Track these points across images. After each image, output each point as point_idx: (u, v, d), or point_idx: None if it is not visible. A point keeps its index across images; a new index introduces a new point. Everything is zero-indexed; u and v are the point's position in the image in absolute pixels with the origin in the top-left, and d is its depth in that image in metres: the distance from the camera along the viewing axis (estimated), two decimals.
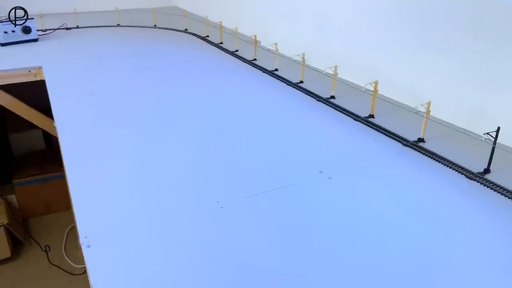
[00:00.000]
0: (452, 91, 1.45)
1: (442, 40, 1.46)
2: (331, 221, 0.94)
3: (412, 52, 1.58)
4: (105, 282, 0.77)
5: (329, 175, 1.12)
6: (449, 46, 1.44)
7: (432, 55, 1.51)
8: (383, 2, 1.68)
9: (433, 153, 1.23)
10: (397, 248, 0.87)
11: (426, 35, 1.52)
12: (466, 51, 1.38)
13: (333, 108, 1.58)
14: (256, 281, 0.77)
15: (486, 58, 1.32)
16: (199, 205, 0.99)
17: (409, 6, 1.57)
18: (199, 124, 1.43)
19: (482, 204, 1.01)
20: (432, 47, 1.50)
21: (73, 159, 1.18)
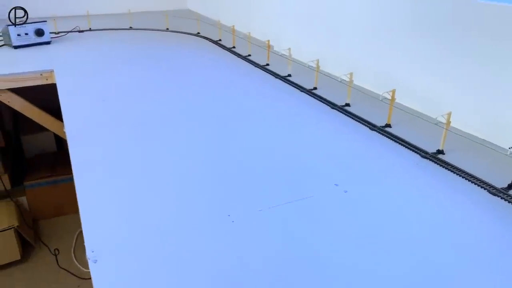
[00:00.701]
0: (473, 101, 1.40)
1: (462, 48, 1.41)
2: (347, 238, 0.90)
3: (431, 59, 1.53)
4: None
5: (345, 189, 1.07)
6: (470, 54, 1.38)
7: (452, 63, 1.45)
8: (401, 9, 1.63)
9: (453, 166, 1.18)
10: (417, 268, 0.82)
11: (446, 42, 1.47)
12: (488, 59, 1.33)
13: (348, 116, 1.54)
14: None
15: (510, 66, 1.27)
16: (210, 218, 0.95)
17: (428, 13, 1.52)
18: (210, 132, 1.40)
19: (506, 222, 0.96)
20: (452, 55, 1.45)
21: (82, 170, 1.16)
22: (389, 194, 1.07)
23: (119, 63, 2.22)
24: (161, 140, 1.33)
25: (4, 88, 2.05)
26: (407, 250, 0.87)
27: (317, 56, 1.82)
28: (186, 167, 1.17)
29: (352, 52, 1.91)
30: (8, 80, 2.02)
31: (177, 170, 1.16)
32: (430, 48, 1.52)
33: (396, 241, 0.90)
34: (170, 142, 1.33)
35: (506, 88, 1.29)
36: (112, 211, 0.98)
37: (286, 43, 2.29)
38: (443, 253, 0.87)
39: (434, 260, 0.84)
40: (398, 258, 0.85)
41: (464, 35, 1.39)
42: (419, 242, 0.90)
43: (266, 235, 0.90)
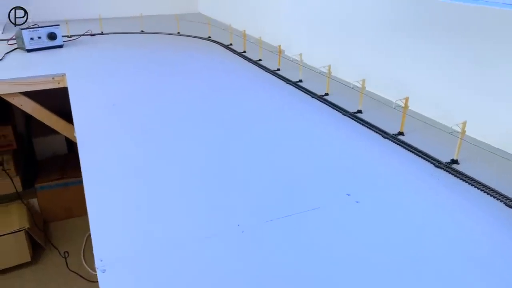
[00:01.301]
0: (488, 109, 1.37)
1: (479, 54, 1.38)
2: (360, 250, 0.88)
3: (447, 66, 1.50)
4: None
5: (356, 199, 1.05)
6: (486, 61, 1.35)
7: (467, 70, 1.43)
8: (414, 15, 1.61)
9: (468, 176, 1.15)
10: (432, 282, 0.80)
11: (462, 48, 1.44)
12: (506, 67, 1.30)
13: (360, 123, 1.52)
14: None
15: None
16: (220, 228, 0.94)
17: (443, 19, 1.49)
18: (219, 138, 1.39)
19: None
20: (467, 62, 1.42)
21: (92, 175, 1.15)
22: (403, 205, 1.04)
23: (130, 66, 2.22)
24: (171, 146, 1.33)
25: (17, 92, 2.06)
26: (422, 264, 0.85)
27: (328, 62, 1.80)
28: (196, 175, 1.17)
29: (365, 58, 1.89)
30: (20, 83, 2.04)
31: (187, 177, 1.15)
32: (446, 55, 1.50)
33: (410, 254, 0.87)
34: (179, 148, 1.32)
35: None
36: (121, 219, 0.97)
37: (297, 48, 2.28)
38: (459, 267, 0.84)
39: (450, 274, 0.82)
40: (413, 271, 0.83)
41: (481, 41, 1.36)
42: (433, 255, 0.87)
43: (276, 246, 0.89)
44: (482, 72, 1.37)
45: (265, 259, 0.86)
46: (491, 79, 1.34)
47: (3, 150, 2.68)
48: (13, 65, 2.23)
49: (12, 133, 2.77)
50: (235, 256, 0.86)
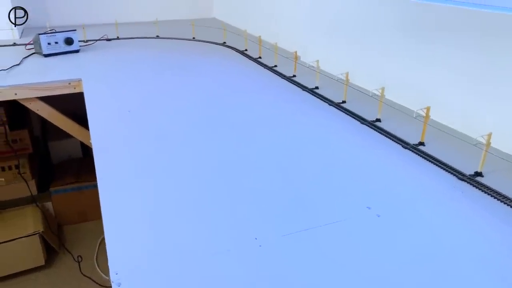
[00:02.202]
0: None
1: (502, 62, 1.33)
2: (381, 265, 0.85)
3: (469, 75, 1.46)
4: None
5: (377, 212, 1.02)
6: (509, 69, 1.31)
7: (490, 78, 1.38)
8: (436, 21, 1.57)
9: (493, 190, 1.11)
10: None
11: (487, 55, 1.39)
12: None
13: (378, 132, 1.48)
14: None
15: None
16: (237, 242, 0.92)
17: (464, 25, 1.45)
18: (235, 146, 1.37)
19: None
20: (491, 70, 1.38)
21: (107, 185, 1.14)
22: (425, 219, 1.01)
23: (145, 71, 2.22)
24: (186, 153, 1.31)
25: (34, 97, 2.08)
26: (445, 280, 0.81)
27: (346, 69, 1.77)
28: (212, 185, 1.14)
29: (384, 66, 1.85)
30: (37, 88, 2.05)
31: (202, 187, 1.13)
32: (469, 63, 1.45)
33: (433, 270, 0.84)
34: (195, 155, 1.30)
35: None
36: (136, 231, 0.95)
37: (313, 55, 2.25)
38: (483, 282, 0.81)
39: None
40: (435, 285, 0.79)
41: (509, 48, 1.32)
42: (457, 270, 0.84)
43: (295, 261, 0.86)
44: (509, 81, 1.32)
45: (283, 274, 0.83)
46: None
47: (19, 154, 2.70)
48: (30, 70, 2.24)
49: (28, 137, 2.79)
50: (252, 271, 0.84)
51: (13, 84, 2.01)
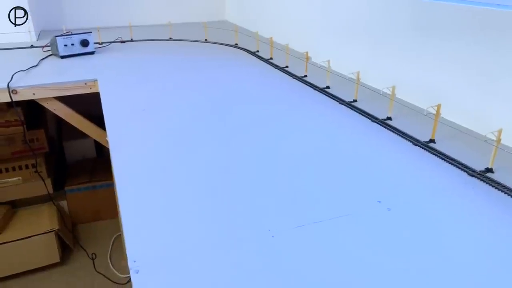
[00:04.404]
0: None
1: (508, 61, 1.35)
2: (392, 258, 0.87)
3: (479, 73, 1.47)
4: None
5: (388, 206, 1.04)
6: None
7: (501, 76, 1.39)
8: (445, 20, 1.58)
9: (504, 185, 1.12)
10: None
11: (495, 54, 1.40)
12: None
13: (389, 130, 1.50)
14: None
15: None
16: (250, 232, 0.94)
17: (473, 24, 1.46)
18: (248, 143, 1.39)
19: None
20: (501, 68, 1.38)
21: (124, 179, 1.18)
22: (436, 214, 1.02)
23: (159, 72, 2.26)
24: (200, 150, 1.34)
25: (51, 97, 2.13)
26: (454, 273, 0.83)
27: (357, 68, 1.79)
28: (226, 178, 1.17)
29: (394, 65, 1.87)
30: (54, 88, 2.11)
31: (217, 181, 1.16)
32: (479, 61, 1.46)
33: (442, 263, 0.85)
34: (209, 152, 1.33)
35: None
36: (153, 221, 0.99)
37: (324, 55, 2.27)
38: (493, 275, 0.82)
39: (483, 283, 0.80)
40: (444, 281, 0.81)
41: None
42: (467, 264, 0.85)
43: (307, 251, 0.89)
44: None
45: (295, 263, 0.85)
46: None
47: (36, 153, 2.76)
48: (48, 71, 2.30)
49: (44, 137, 2.86)
50: (265, 260, 0.86)
51: (31, 84, 2.07)
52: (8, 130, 2.72)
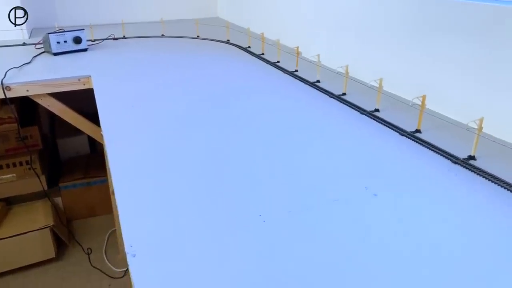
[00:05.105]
0: (507, 106, 1.38)
1: (493, 52, 1.40)
2: (377, 240, 0.91)
3: (463, 65, 1.52)
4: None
5: (374, 192, 1.09)
6: (501, 58, 1.37)
7: (483, 68, 1.44)
8: (432, 15, 1.63)
9: (485, 171, 1.17)
10: (447, 274, 0.82)
11: (477, 46, 1.46)
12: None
13: (377, 122, 1.55)
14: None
15: None
16: (242, 217, 0.98)
17: (457, 19, 1.51)
18: (239, 134, 1.43)
19: None
20: (484, 60, 1.44)
21: (119, 168, 1.21)
22: (420, 198, 1.07)
23: (152, 68, 2.29)
24: (194, 142, 1.38)
25: (45, 93, 2.15)
26: (436, 254, 0.87)
27: (346, 62, 1.84)
28: (219, 167, 1.21)
29: (383, 59, 1.92)
30: (48, 85, 2.13)
31: (210, 170, 1.20)
32: (463, 53, 1.52)
33: (426, 245, 0.90)
34: (203, 143, 1.37)
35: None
36: (148, 207, 1.02)
37: (315, 50, 2.31)
38: (474, 256, 0.86)
39: (463, 263, 0.85)
40: (427, 262, 0.85)
41: (498, 38, 1.38)
42: (449, 245, 0.90)
43: (297, 235, 0.93)
44: (500, 70, 1.38)
45: (285, 247, 0.89)
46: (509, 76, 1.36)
47: (30, 150, 2.77)
48: (41, 67, 2.32)
49: (38, 134, 2.87)
50: (257, 243, 0.90)
51: (25, 81, 2.09)
52: (2, 127, 2.73)
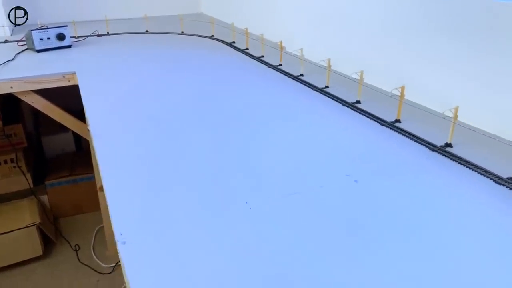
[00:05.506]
0: (482, 97, 1.44)
1: (469, 45, 1.45)
2: (358, 224, 0.96)
3: (441, 57, 1.58)
4: (141, 277, 0.81)
5: (355, 178, 1.13)
6: (478, 50, 1.43)
7: (460, 59, 1.50)
8: (409, 8, 1.68)
9: (460, 158, 1.23)
10: (425, 253, 0.87)
11: (455, 39, 1.51)
12: (497, 55, 1.37)
13: (359, 113, 1.59)
14: (282, 278, 0.80)
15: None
16: (229, 205, 1.02)
17: (437, 12, 1.57)
18: (225, 126, 1.46)
19: (509, 208, 1.01)
20: (461, 51, 1.49)
21: (107, 158, 1.23)
22: (399, 183, 1.12)
23: (137, 64, 2.30)
24: (181, 134, 1.40)
25: (29, 90, 2.15)
26: (414, 234, 0.92)
27: (328, 56, 1.88)
28: (205, 159, 1.24)
29: (363, 51, 1.97)
30: (32, 82, 2.12)
31: (197, 161, 1.23)
32: (441, 47, 1.57)
33: (405, 227, 0.95)
34: (188, 135, 1.39)
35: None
36: (137, 195, 1.05)
37: (298, 44, 2.35)
38: (450, 235, 0.91)
39: (441, 243, 0.89)
40: (405, 243, 0.90)
41: (474, 30, 1.44)
42: (428, 226, 0.95)
43: (282, 220, 0.97)
44: (476, 61, 1.44)
45: (270, 232, 0.93)
46: (484, 67, 1.42)
47: (15, 148, 2.76)
48: (25, 64, 2.31)
49: (22, 131, 2.86)
50: (243, 228, 0.94)
51: (8, 78, 2.08)
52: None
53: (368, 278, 0.80)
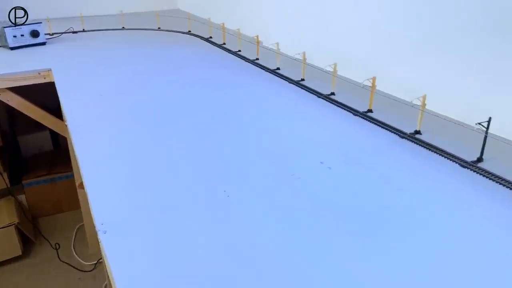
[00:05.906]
0: (449, 86, 1.51)
1: (439, 36, 1.52)
2: (332, 207, 1.00)
3: (411, 48, 1.64)
4: (123, 266, 0.83)
5: (329, 166, 1.18)
6: (447, 42, 1.50)
7: (430, 52, 1.57)
8: (379, 1, 1.74)
9: (428, 144, 1.29)
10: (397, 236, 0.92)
11: (424, 31, 1.58)
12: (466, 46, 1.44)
13: (333, 104, 1.64)
14: (260, 266, 0.84)
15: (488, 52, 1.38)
16: (208, 194, 1.05)
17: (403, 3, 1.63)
18: (203, 118, 1.49)
19: (475, 190, 1.07)
20: (430, 43, 1.56)
21: (86, 153, 1.25)
22: (370, 168, 1.17)
23: (113, 61, 2.30)
24: (158, 127, 1.43)
25: (4, 87, 2.12)
26: (386, 216, 0.97)
27: (304, 49, 1.92)
28: (184, 151, 1.27)
29: (337, 44, 2.02)
30: (7, 79, 2.10)
31: (176, 153, 1.26)
32: (408, 38, 1.64)
33: (377, 209, 1.00)
34: (166, 128, 1.42)
35: (482, 73, 1.40)
36: (117, 186, 1.07)
37: (274, 38, 2.38)
38: (420, 218, 0.97)
39: (411, 227, 0.95)
40: (377, 225, 0.95)
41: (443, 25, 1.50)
42: (396, 205, 1.00)
43: (259, 206, 1.00)
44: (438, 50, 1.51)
45: (247, 217, 0.97)
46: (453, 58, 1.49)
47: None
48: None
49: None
50: (221, 215, 0.97)
51: None
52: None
53: (336, 257, 0.85)
